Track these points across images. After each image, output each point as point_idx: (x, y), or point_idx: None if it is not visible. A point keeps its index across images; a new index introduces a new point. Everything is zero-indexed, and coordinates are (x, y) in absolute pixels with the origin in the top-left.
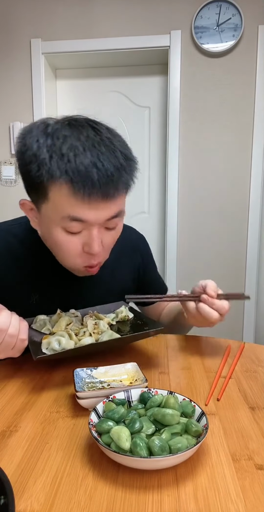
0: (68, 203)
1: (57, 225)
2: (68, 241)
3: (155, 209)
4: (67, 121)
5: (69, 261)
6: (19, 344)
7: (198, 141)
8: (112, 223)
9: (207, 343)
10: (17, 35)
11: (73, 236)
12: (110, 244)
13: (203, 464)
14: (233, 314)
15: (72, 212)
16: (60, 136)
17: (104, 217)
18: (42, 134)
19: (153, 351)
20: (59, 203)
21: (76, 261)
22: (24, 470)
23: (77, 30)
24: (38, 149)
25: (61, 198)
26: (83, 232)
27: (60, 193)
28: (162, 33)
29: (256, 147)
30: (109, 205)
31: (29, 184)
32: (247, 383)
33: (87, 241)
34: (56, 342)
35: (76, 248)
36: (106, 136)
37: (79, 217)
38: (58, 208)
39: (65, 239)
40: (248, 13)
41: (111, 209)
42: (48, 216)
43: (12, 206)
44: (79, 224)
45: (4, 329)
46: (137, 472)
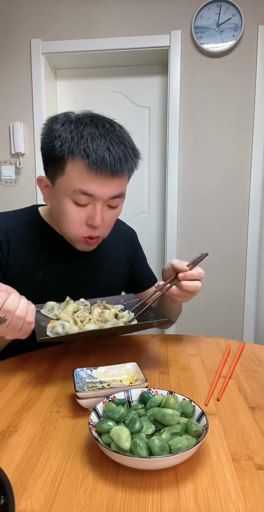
0: (81, 177)
1: (68, 196)
2: (75, 212)
3: (155, 209)
4: (88, 114)
5: (72, 230)
6: (26, 327)
7: (198, 141)
8: (115, 202)
9: (207, 343)
10: (17, 35)
11: (80, 208)
12: (110, 222)
13: (203, 464)
14: (233, 314)
15: (83, 186)
16: (82, 122)
17: (109, 194)
18: (67, 120)
19: (153, 351)
20: (73, 177)
21: (79, 231)
22: (24, 470)
23: (77, 30)
24: (63, 130)
25: (76, 172)
26: (89, 206)
27: (76, 168)
28: (162, 33)
29: (256, 147)
30: (115, 183)
31: (50, 160)
32: (247, 383)
33: (91, 214)
34: (60, 326)
35: (81, 219)
36: (118, 129)
37: (88, 191)
38: (71, 181)
39: (73, 209)
40: (248, 13)
41: (115, 188)
42: (62, 189)
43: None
44: (87, 197)
45: (12, 310)
46: (137, 472)
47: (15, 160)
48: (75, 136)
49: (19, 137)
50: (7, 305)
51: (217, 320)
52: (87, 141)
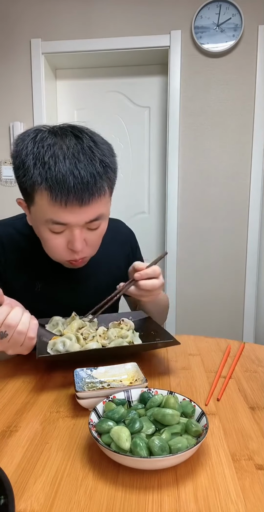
0: (48, 208)
1: (43, 225)
2: (53, 239)
3: (155, 209)
4: (53, 129)
5: (55, 256)
6: (27, 342)
7: (198, 141)
8: (94, 225)
9: (207, 343)
10: (17, 35)
11: (58, 235)
12: (95, 242)
13: (203, 464)
14: (233, 314)
15: (53, 216)
16: (45, 144)
17: (84, 220)
18: (31, 142)
19: (153, 351)
20: (42, 208)
21: (61, 256)
22: (24, 470)
23: (77, 30)
24: (26, 156)
25: (43, 203)
26: (66, 231)
27: (42, 199)
28: (162, 33)
29: (256, 147)
30: (86, 209)
31: (20, 187)
32: (247, 383)
33: (70, 239)
34: (61, 344)
35: (61, 245)
36: (87, 145)
37: (59, 221)
38: (42, 212)
39: (50, 237)
40: (248, 13)
41: (89, 213)
42: (35, 217)
43: (12, 206)
44: (61, 226)
45: (14, 325)
46: (137, 472)
47: None
48: (38, 162)
49: None
50: (9, 320)
51: (217, 320)
52: (50, 167)
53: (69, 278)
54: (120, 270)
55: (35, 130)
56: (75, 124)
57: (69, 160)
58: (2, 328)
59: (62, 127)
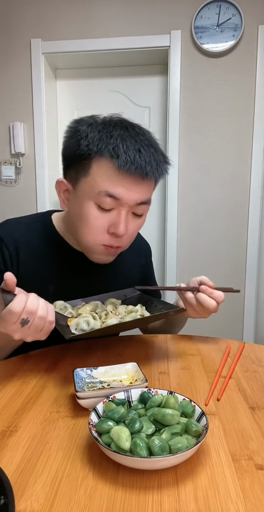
0: (108, 178)
1: (91, 199)
2: (98, 217)
3: (155, 209)
4: (115, 117)
5: (92, 237)
6: (47, 326)
7: (198, 141)
8: (140, 209)
9: (207, 343)
10: (17, 35)
11: (104, 213)
12: (134, 232)
13: (203, 464)
14: (233, 314)
15: (110, 188)
16: (111, 123)
17: (136, 199)
18: (93, 121)
19: (153, 351)
20: (99, 178)
21: (99, 238)
22: (24, 470)
23: (77, 30)
24: (90, 130)
25: (102, 173)
26: (113, 211)
27: (103, 169)
28: (162, 33)
29: (256, 147)
30: (143, 187)
31: (73, 161)
32: (247, 383)
33: (115, 221)
34: (84, 323)
35: (103, 225)
36: (147, 134)
37: (115, 193)
38: (97, 183)
39: (95, 214)
40: (248, 13)
41: (143, 193)
42: (84, 190)
43: (12, 206)
44: (112, 201)
45: (34, 310)
46: (137, 472)
47: (15, 160)
48: (104, 136)
49: (19, 137)
50: (29, 306)
51: (217, 320)
52: (117, 141)
53: (82, 281)
54: (133, 279)
55: (91, 117)
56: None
57: (135, 140)
58: (24, 314)
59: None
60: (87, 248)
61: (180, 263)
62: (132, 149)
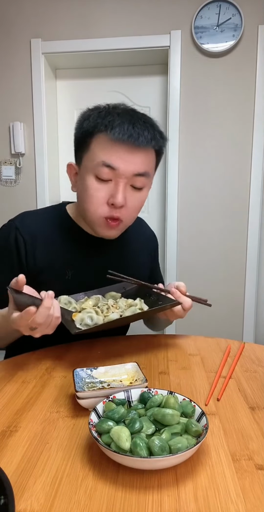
0: (104, 149)
1: (91, 172)
2: (97, 189)
3: (155, 209)
4: (118, 103)
5: (94, 209)
6: (54, 322)
7: (198, 141)
8: (139, 182)
9: (207, 343)
10: (17, 35)
11: (102, 184)
12: (134, 206)
13: (203, 464)
14: (233, 314)
15: (106, 158)
16: (110, 106)
17: (133, 170)
18: (99, 107)
19: (153, 351)
20: (97, 150)
21: (100, 210)
22: (24, 470)
23: (77, 30)
24: (93, 113)
25: (100, 146)
26: (111, 183)
27: (100, 141)
28: (162, 33)
29: (256, 147)
30: (139, 157)
31: (79, 143)
32: (247, 383)
33: (113, 192)
34: (88, 318)
35: (103, 196)
36: (148, 117)
37: (111, 163)
38: (95, 155)
39: (95, 186)
40: (248, 13)
41: (139, 164)
42: (86, 165)
43: (12, 206)
44: (110, 171)
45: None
46: (137, 472)
47: (15, 160)
48: (104, 114)
49: (19, 137)
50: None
51: (217, 320)
52: (113, 117)
53: (97, 265)
54: (145, 265)
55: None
56: None
57: (131, 117)
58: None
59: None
60: (91, 222)
61: (180, 263)
62: (126, 123)
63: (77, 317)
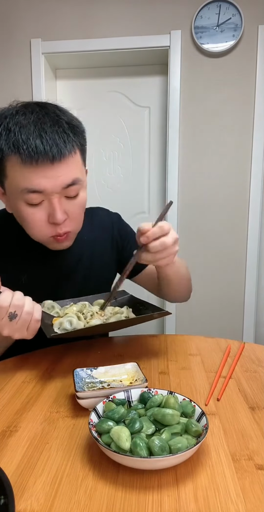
0: (21, 175)
1: (19, 199)
2: (33, 213)
3: (155, 209)
4: (20, 104)
5: (37, 233)
6: (33, 324)
7: (198, 141)
8: (72, 191)
9: (207, 343)
10: (17, 35)
11: (36, 207)
12: (76, 213)
13: (203, 464)
14: (233, 314)
15: (27, 184)
16: (7, 115)
17: (59, 185)
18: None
19: (153, 351)
20: (14, 177)
21: (44, 232)
22: (24, 470)
23: (77, 30)
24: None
25: (15, 171)
26: (44, 203)
27: (13, 167)
28: (162, 33)
29: (256, 147)
30: (61, 169)
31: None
32: (247, 383)
33: (50, 211)
34: (67, 323)
35: (41, 219)
36: (52, 111)
37: (34, 187)
38: (15, 182)
39: (29, 211)
40: (248, 13)
41: (63, 177)
42: (11, 192)
43: None
44: (38, 195)
45: (21, 305)
46: (137, 472)
47: None
48: (3, 132)
49: None
50: (15, 301)
51: (217, 320)
52: (15, 134)
53: (55, 270)
54: (108, 257)
55: (7, 106)
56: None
57: (34, 124)
58: (11, 308)
59: (25, 103)
60: (39, 241)
61: None
62: (31, 137)
63: (56, 322)
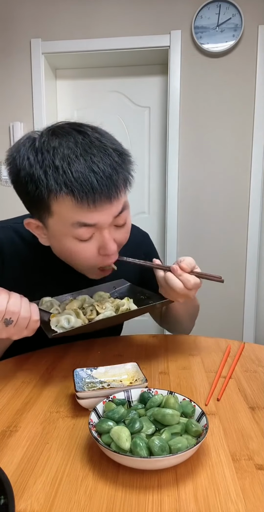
0: (74, 212)
1: (68, 235)
2: (83, 248)
3: (155, 209)
4: (51, 131)
5: (87, 266)
6: (32, 325)
7: (198, 141)
8: (121, 219)
9: (207, 343)
10: (17, 35)
11: (86, 243)
12: (123, 241)
13: (203, 464)
14: (233, 314)
15: (80, 218)
16: (49, 148)
17: (112, 216)
18: (31, 151)
19: (153, 351)
20: (65, 215)
21: (93, 264)
22: (24, 470)
23: (77, 30)
24: (30, 167)
25: (66, 209)
26: (94, 236)
27: (64, 205)
28: (162, 33)
29: (256, 147)
30: (114, 203)
31: (30, 203)
32: (247, 383)
33: (101, 244)
34: (65, 321)
35: (92, 253)
36: (94, 137)
37: (88, 222)
38: (65, 219)
39: (79, 247)
40: (248, 13)
41: (116, 207)
42: (57, 229)
43: (12, 206)
44: (89, 229)
45: (16, 311)
46: (137, 472)
47: None
48: (48, 170)
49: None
50: (11, 307)
51: (217, 320)
52: (65, 171)
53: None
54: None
55: (28, 138)
56: (69, 121)
57: (84, 157)
58: (7, 314)
59: (60, 125)
60: (83, 271)
61: None
62: (83, 173)
63: (53, 319)
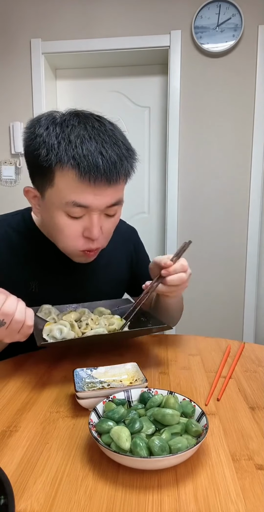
0: (73, 188)
1: (60, 209)
2: (70, 225)
3: (155, 209)
4: (74, 113)
5: (69, 244)
6: (25, 330)
7: (198, 141)
8: (112, 210)
9: (207, 343)
10: (17, 35)
11: (75, 220)
12: (109, 231)
13: (203, 464)
14: (233, 314)
15: (76, 198)
16: (68, 125)
17: (106, 203)
18: (51, 123)
19: (153, 351)
20: (64, 189)
21: (76, 244)
22: (24, 470)
23: (77, 30)
24: (47, 135)
25: (67, 183)
26: (84, 217)
27: (67, 178)
28: (162, 33)
29: (256, 147)
30: (111, 190)
31: (36, 170)
32: (247, 383)
33: (87, 226)
34: (57, 331)
35: (77, 232)
36: (109, 128)
37: (83, 203)
38: (62, 193)
39: (67, 223)
40: (248, 13)
41: (112, 196)
42: (52, 201)
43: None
44: (82, 209)
45: (10, 313)
46: (137, 472)
47: (15, 160)
48: (62, 141)
49: (19, 137)
50: (6, 308)
51: (217, 320)
52: (76, 146)
53: (67, 279)
54: (122, 271)
55: (50, 115)
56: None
57: (96, 140)
58: (0, 316)
59: (82, 111)
60: (66, 252)
61: None
62: (92, 153)
63: (46, 328)
